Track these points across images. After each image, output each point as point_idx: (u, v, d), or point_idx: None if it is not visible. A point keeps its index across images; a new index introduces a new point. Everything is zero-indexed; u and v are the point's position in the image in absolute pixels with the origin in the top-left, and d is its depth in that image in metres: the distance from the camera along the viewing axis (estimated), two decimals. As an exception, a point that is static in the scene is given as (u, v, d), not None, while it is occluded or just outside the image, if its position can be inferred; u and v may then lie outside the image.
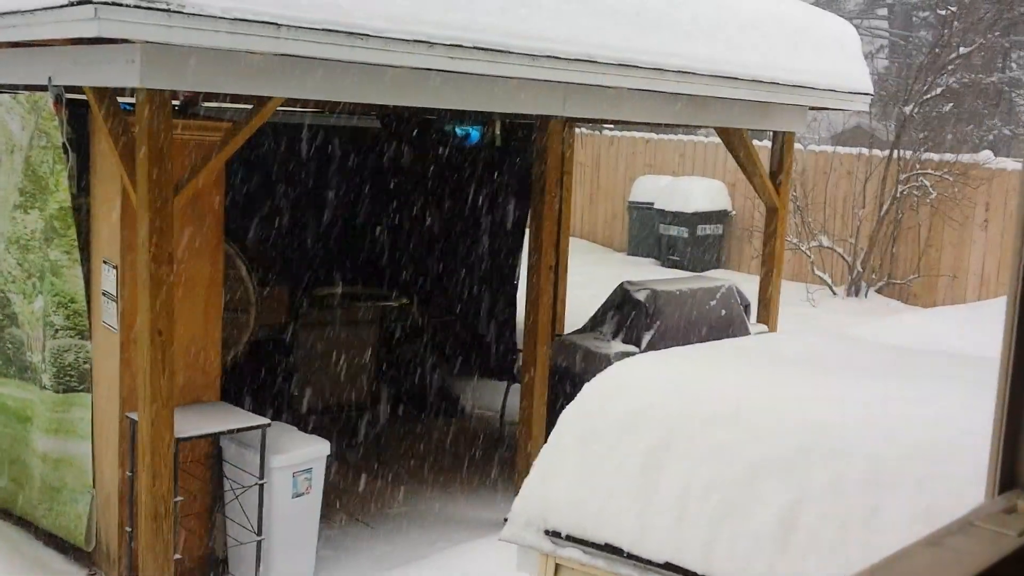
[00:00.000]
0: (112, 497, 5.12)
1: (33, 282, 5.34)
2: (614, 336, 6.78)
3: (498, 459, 7.37)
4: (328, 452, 5.37)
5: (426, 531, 6.06)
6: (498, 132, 8.83)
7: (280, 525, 5.17)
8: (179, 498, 4.86)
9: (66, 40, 4.24)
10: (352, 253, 9.10)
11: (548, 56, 5.11)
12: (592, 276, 12.10)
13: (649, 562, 2.75)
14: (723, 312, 7.03)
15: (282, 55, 4.30)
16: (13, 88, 5.30)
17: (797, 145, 11.68)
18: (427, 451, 7.48)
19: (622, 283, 7.04)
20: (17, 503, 5.68)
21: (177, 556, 4.81)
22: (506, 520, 3.11)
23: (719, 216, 15.48)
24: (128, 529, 4.98)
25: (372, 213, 9.26)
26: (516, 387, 7.00)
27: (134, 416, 4.80)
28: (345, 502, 6.41)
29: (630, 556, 2.79)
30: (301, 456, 5.22)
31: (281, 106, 5.36)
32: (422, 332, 8.60)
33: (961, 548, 0.90)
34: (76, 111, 5.02)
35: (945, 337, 4.17)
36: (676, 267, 14.99)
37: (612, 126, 16.67)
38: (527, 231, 7.00)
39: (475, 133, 9.01)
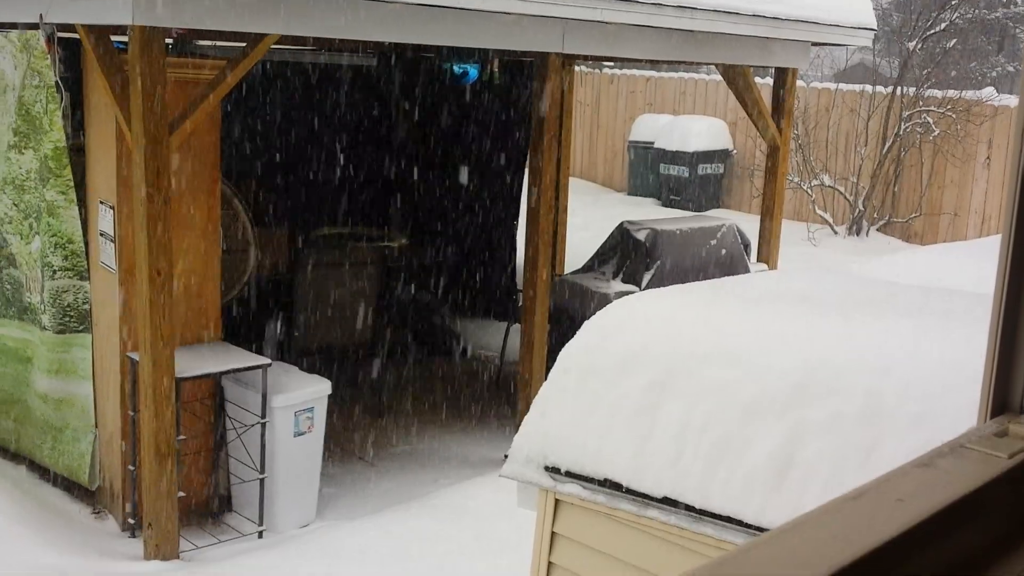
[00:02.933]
0: (115, 436, 5.16)
1: (30, 223, 5.32)
2: (614, 276, 6.78)
3: (499, 398, 7.41)
4: (329, 391, 5.40)
5: (427, 469, 6.12)
6: (496, 70, 8.73)
7: (282, 463, 5.22)
8: (181, 437, 4.90)
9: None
10: (351, 193, 9.06)
11: (547, -9, 5.04)
12: (592, 216, 12.07)
13: (648, 497, 2.77)
14: (723, 251, 7.02)
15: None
16: (4, 27, 5.23)
17: (799, 82, 11.57)
18: (428, 391, 7.52)
19: (622, 223, 7.02)
20: (20, 443, 5.72)
21: (181, 494, 4.86)
22: (506, 457, 3.13)
23: (720, 155, 15.38)
24: (131, 468, 5.03)
25: (371, 153, 9.20)
26: (516, 327, 7.02)
27: (135, 356, 4.82)
28: (347, 441, 6.47)
29: (629, 491, 2.81)
30: (302, 395, 5.25)
31: (277, 44, 5.30)
32: (422, 272, 8.59)
33: (952, 469, 0.91)
34: (69, 49, 4.96)
35: (945, 274, 4.17)
36: (676, 207, 14.94)
37: (612, 64, 16.50)
38: (527, 171, 6.96)
39: (473, 71, 8.92)
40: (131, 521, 5.07)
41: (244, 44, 4.72)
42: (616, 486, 2.82)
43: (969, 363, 2.35)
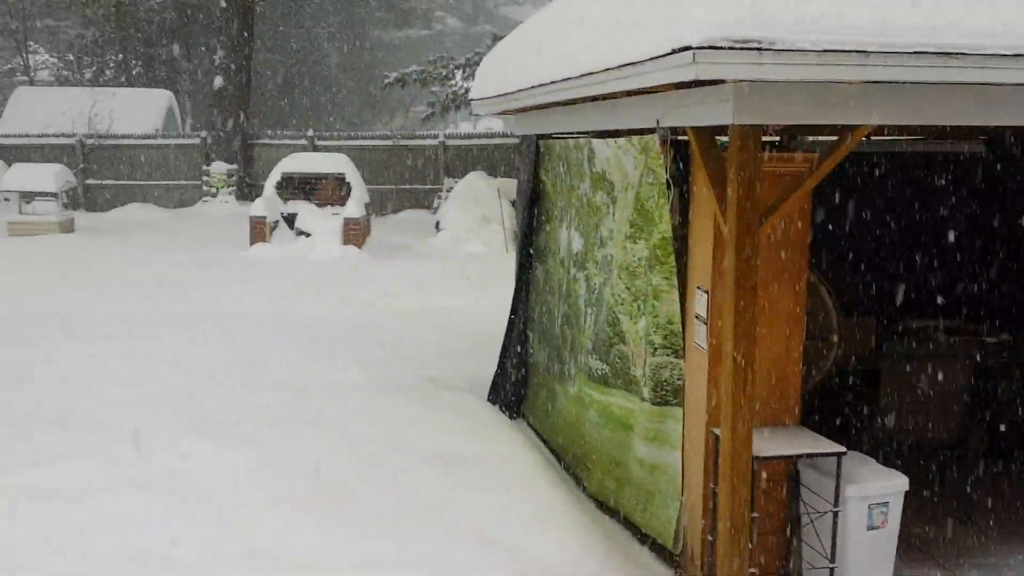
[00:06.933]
0: (697, 506, 5.50)
1: (638, 304, 5.96)
2: None
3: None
4: (906, 487, 5.22)
5: (1016, 586, 5.58)
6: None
7: (854, 555, 5.15)
8: (755, 514, 5.08)
9: (669, 85, 4.70)
10: (943, 284, 8.66)
11: None
12: None
13: None
14: None
15: (870, 82, 4.32)
16: (624, 133, 5.99)
17: None
18: (1021, 499, 6.85)
19: None
20: (618, 500, 6.35)
21: (752, 570, 5.02)
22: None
23: None
24: (710, 538, 5.31)
25: (969, 242, 8.72)
26: None
27: (718, 432, 5.12)
28: (923, 543, 6.14)
29: None
30: (877, 488, 5.15)
31: (872, 134, 5.35)
32: (1024, 371, 7.89)
33: None
34: (678, 149, 5.53)
35: None
36: None
37: None
38: None
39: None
40: (707, 587, 5.34)
41: (836, 138, 4.86)
42: None
43: None
